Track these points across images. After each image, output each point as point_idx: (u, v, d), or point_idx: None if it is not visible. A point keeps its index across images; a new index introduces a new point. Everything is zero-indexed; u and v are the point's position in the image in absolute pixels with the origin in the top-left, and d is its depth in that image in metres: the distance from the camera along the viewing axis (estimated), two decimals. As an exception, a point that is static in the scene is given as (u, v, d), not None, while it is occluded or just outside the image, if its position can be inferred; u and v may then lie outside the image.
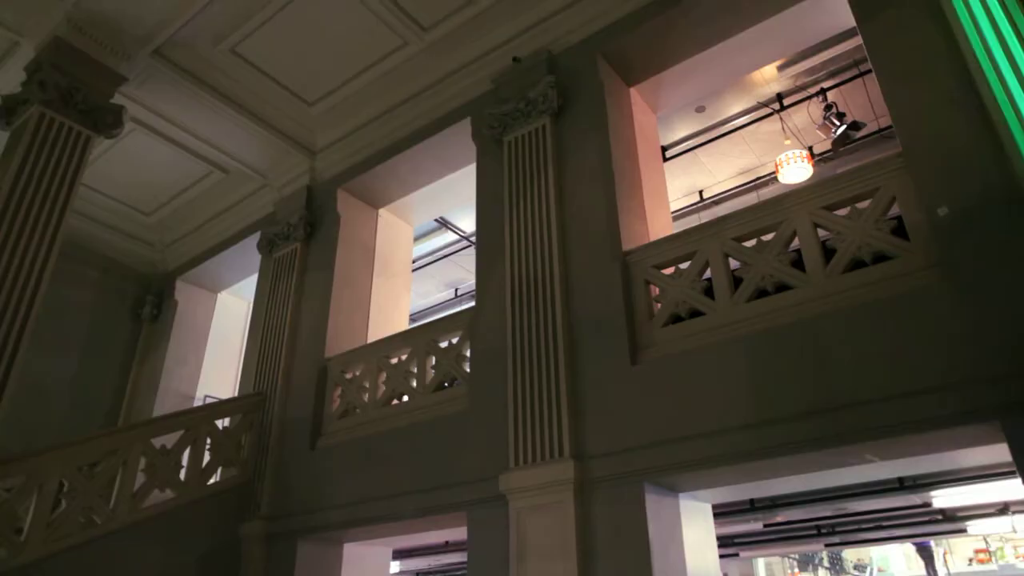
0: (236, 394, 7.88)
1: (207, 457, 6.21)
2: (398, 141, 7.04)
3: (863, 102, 8.21)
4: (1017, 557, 20.47)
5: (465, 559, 4.88)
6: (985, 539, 20.03)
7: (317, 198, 7.61)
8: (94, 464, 5.44)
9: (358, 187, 7.46)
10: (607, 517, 4.21)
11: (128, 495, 5.50)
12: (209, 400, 8.54)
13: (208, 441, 6.24)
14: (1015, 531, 14.47)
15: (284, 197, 7.83)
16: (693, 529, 4.56)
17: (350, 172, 7.42)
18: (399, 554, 12.18)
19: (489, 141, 6.05)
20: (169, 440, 6.00)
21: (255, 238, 7.95)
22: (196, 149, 7.67)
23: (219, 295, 9.46)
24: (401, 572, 14.76)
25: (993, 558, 21.11)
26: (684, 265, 4.71)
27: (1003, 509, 10.86)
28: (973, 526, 12.41)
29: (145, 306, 9.01)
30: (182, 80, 6.61)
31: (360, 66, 6.77)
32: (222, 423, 6.58)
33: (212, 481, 6.22)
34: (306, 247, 7.38)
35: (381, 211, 7.80)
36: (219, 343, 9.21)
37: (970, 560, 21.78)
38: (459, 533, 5.23)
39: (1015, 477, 3.33)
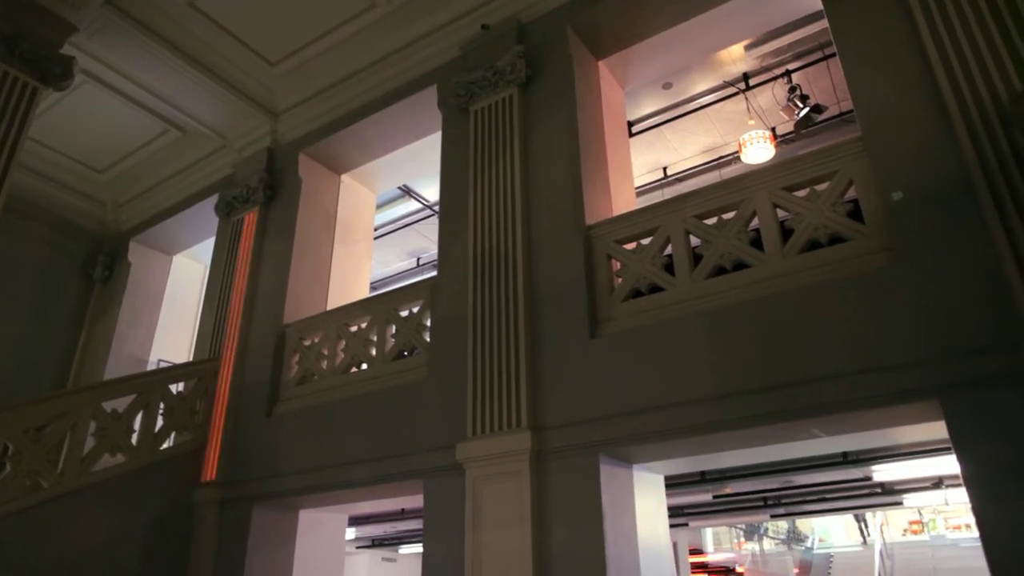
0: (191, 359, 7.76)
1: (160, 422, 6.12)
2: (362, 106, 6.91)
3: (826, 85, 8.34)
4: (947, 528, 21.54)
5: (421, 526, 4.93)
6: (919, 511, 21.02)
7: (278, 161, 7.44)
8: (41, 427, 5.32)
9: (320, 152, 7.32)
10: (562, 487, 4.28)
11: (77, 459, 5.40)
12: (163, 364, 8.38)
13: (161, 406, 6.14)
14: (947, 504, 15.21)
15: (244, 159, 7.64)
16: (645, 499, 4.68)
17: (312, 136, 7.27)
18: (355, 521, 12.24)
19: (455, 110, 5.98)
20: (121, 404, 5.89)
21: (213, 200, 7.76)
22: (151, 106, 7.40)
23: (174, 257, 9.23)
24: (357, 539, 14.85)
25: (925, 529, 22.19)
26: (646, 241, 4.76)
27: (937, 483, 11.39)
28: (909, 499, 13.02)
29: (97, 266, 8.74)
30: (137, 32, 6.35)
31: (325, 27, 6.59)
32: (176, 388, 6.47)
33: (165, 446, 6.14)
34: (265, 211, 7.23)
35: (343, 177, 7.68)
36: (174, 306, 9.01)
37: (904, 531, 22.86)
38: (415, 501, 5.27)
39: (950, 453, 3.48)
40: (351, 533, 13.26)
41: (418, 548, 12.06)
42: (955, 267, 3.48)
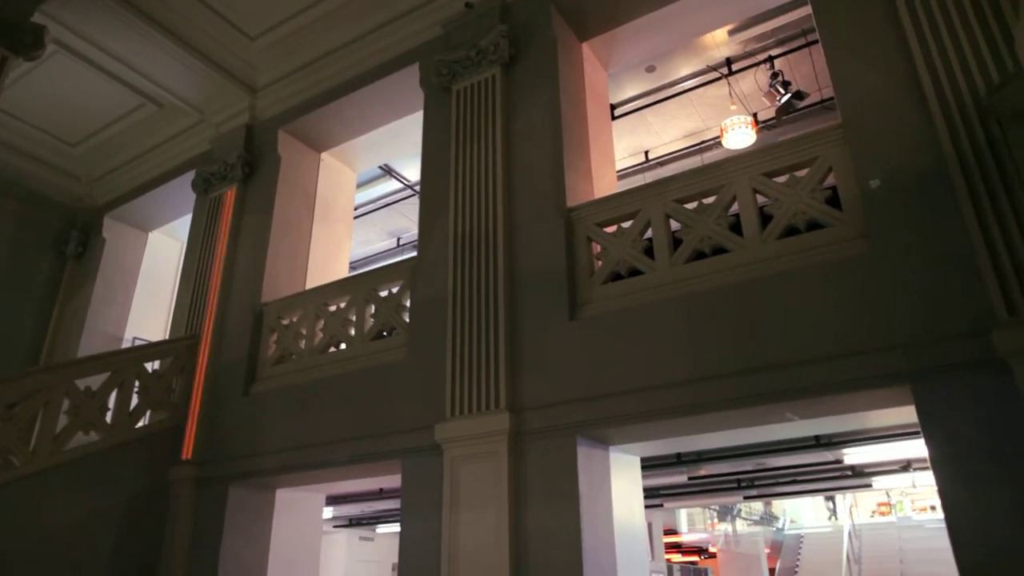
0: (167, 337, 7.67)
1: (135, 400, 6.06)
2: (343, 83, 6.82)
3: (808, 72, 8.37)
4: (914, 510, 22.09)
5: (399, 506, 4.95)
6: (887, 493, 21.53)
7: (257, 138, 7.33)
8: (12, 405, 5.24)
9: (300, 129, 7.22)
10: (539, 468, 4.32)
11: (49, 437, 5.34)
12: (138, 342, 8.29)
13: (136, 384, 6.08)
14: (914, 486, 15.60)
15: (221, 135, 7.52)
16: (621, 481, 4.74)
17: (292, 112, 7.17)
18: (332, 500, 12.26)
19: (437, 89, 5.93)
20: (95, 382, 5.82)
21: (189, 176, 7.63)
22: (126, 78, 7.24)
23: (150, 234, 9.08)
24: (334, 518, 14.88)
25: (893, 511, 22.74)
26: (627, 224, 4.77)
27: (906, 466, 11.67)
28: (878, 481, 13.32)
29: (70, 242, 8.58)
30: (111, 2, 6.18)
31: (306, 1, 6.48)
32: (152, 366, 6.41)
33: (140, 425, 6.09)
34: (244, 188, 7.14)
35: (324, 155, 7.59)
36: (150, 284, 8.88)
37: (872, 513, 23.41)
38: (393, 481, 5.29)
39: (918, 437, 3.57)
40: (328, 512, 13.28)
41: (395, 528, 12.11)
42: (930, 255, 3.54)
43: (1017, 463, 3.04)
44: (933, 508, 20.42)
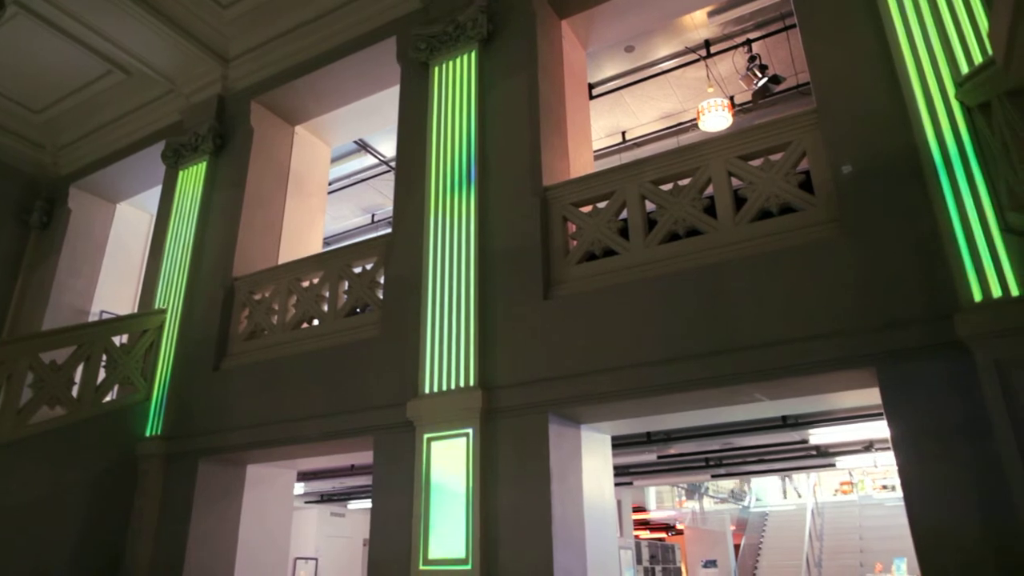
0: (136, 311, 7.55)
1: (102, 374, 5.96)
2: (319, 55, 6.70)
3: (785, 56, 8.41)
4: (875, 489, 22.72)
5: (370, 482, 4.96)
6: (850, 473, 22.10)
7: (229, 109, 7.19)
8: (-25, 377, 5.14)
9: (274, 101, 7.09)
10: (511, 446, 4.35)
11: (13, 411, 5.24)
12: (106, 316, 8.14)
13: (104, 358, 5.98)
14: (876, 466, 16.04)
15: (192, 105, 7.35)
16: (592, 459, 4.80)
17: (265, 84, 7.03)
18: (304, 476, 12.26)
19: (414, 64, 5.85)
20: (60, 355, 5.72)
21: (159, 147, 7.47)
22: (92, 44, 7.01)
23: (118, 205, 8.88)
24: (305, 494, 14.89)
25: (855, 489, 23.37)
26: (602, 204, 4.78)
27: (868, 447, 12.00)
28: (841, 461, 13.67)
29: (34, 212, 8.36)
30: (77, -36, 5.99)
31: (280, -31, 6.34)
32: (120, 340, 6.30)
33: (108, 399, 6.00)
34: (215, 160, 7.00)
35: (297, 128, 7.47)
36: (118, 256, 8.70)
37: (835, 491, 24.04)
38: (365, 457, 5.30)
39: (881, 418, 3.66)
40: (300, 488, 13.29)
41: (367, 504, 12.17)
42: (897, 240, 3.60)
43: (975, 444, 3.13)
44: (893, 488, 21.03)
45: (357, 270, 5.72)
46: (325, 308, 5.74)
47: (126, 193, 8.72)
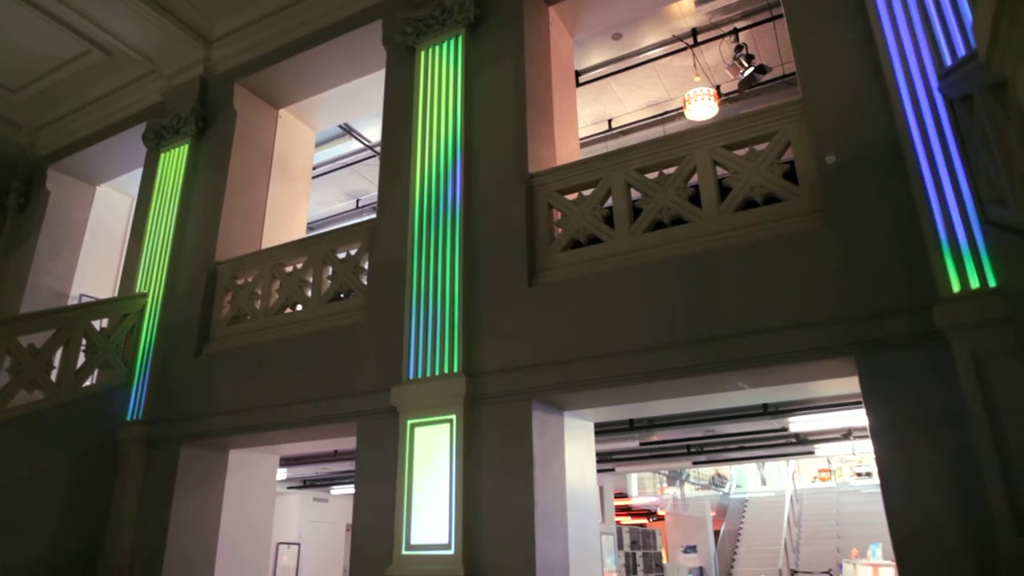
0: (116, 294, 7.46)
1: (82, 359, 5.90)
2: (303, 37, 6.62)
3: (772, 46, 8.42)
4: (852, 476, 23.06)
5: (353, 468, 4.96)
6: (828, 460, 22.42)
7: (212, 91, 7.09)
8: (-49, 360, 5.07)
9: (257, 84, 7.01)
10: (494, 432, 4.37)
11: (-9, 394, 5.18)
12: (86, 299, 8.04)
13: (83, 342, 5.91)
14: (854, 453, 16.29)
15: (174, 87, 7.25)
16: (575, 445, 4.83)
17: (249, 66, 6.94)
18: (287, 461, 12.23)
19: (400, 48, 5.80)
20: (39, 339, 5.64)
21: (140, 129, 7.36)
22: (70, 22, 6.87)
23: (98, 188, 8.75)
24: (288, 479, 14.86)
25: (832, 476, 23.73)
26: (587, 192, 4.78)
27: (847, 434, 12.16)
28: (820, 449, 13.86)
29: (10, 193, 8.22)
30: (55, -60, 5.86)
31: (264, -51, 6.24)
32: (100, 324, 6.23)
33: (88, 384, 5.94)
34: (197, 143, 6.92)
35: (282, 112, 7.38)
36: (98, 239, 8.59)
37: (814, 478, 24.39)
38: (348, 443, 5.30)
39: (860, 407, 3.71)
40: (282, 474, 13.26)
41: (350, 489, 12.17)
42: (879, 232, 3.64)
43: (950, 432, 3.18)
44: (870, 474, 21.36)
45: (341, 255, 5.69)
46: (309, 293, 5.71)
47: (106, 175, 8.59)
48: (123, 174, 8.47)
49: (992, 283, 3.18)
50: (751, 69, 8.14)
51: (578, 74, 8.55)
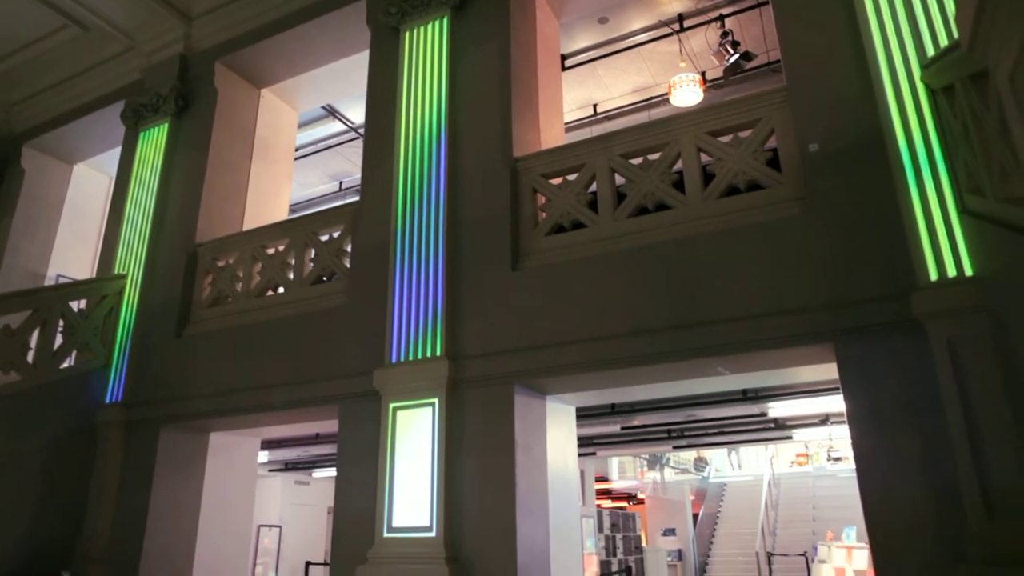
0: (94, 275, 7.36)
1: (60, 340, 5.82)
2: (286, 16, 6.52)
3: (757, 33, 8.43)
4: (829, 460, 23.43)
5: (335, 451, 4.96)
6: (806, 445, 22.75)
7: (192, 70, 6.97)
8: (-76, 341, 4.98)
9: (239, 63, 6.90)
10: (476, 416, 4.38)
11: (-34, 375, 5.10)
12: (63, 280, 7.92)
13: (61, 323, 5.84)
14: (831, 439, 16.54)
15: (154, 65, 7.11)
16: (557, 430, 4.85)
17: (230, 45, 6.82)
18: (268, 444, 12.19)
19: (385, 28, 5.73)
20: (15, 320, 5.56)
21: (118, 107, 7.23)
22: (47, -4, 6.72)
23: (75, 167, 8.59)
24: (269, 462, 14.83)
25: (810, 461, 24.10)
26: (572, 177, 4.78)
27: (824, 420, 12.33)
28: (798, 434, 14.05)
29: (-16, 171, 8.06)
30: (29, -89, 5.70)
31: (245, -76, 6.11)
32: (78, 305, 6.15)
33: (65, 365, 5.87)
34: (177, 122, 6.81)
35: (264, 92, 7.28)
36: (75, 219, 8.44)
37: (791, 463, 24.75)
38: (330, 426, 5.29)
39: (837, 393, 3.76)
40: (264, 456, 13.21)
41: (332, 472, 12.16)
42: (860, 220, 3.67)
43: (926, 419, 3.24)
44: (846, 459, 21.72)
45: (324, 238, 5.65)
46: (291, 276, 5.67)
47: (83, 154, 8.44)
48: (101, 153, 8.32)
49: (969, 272, 3.23)
50: (736, 56, 8.15)
51: (564, 58, 8.51)
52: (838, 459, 21.96)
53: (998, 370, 3.01)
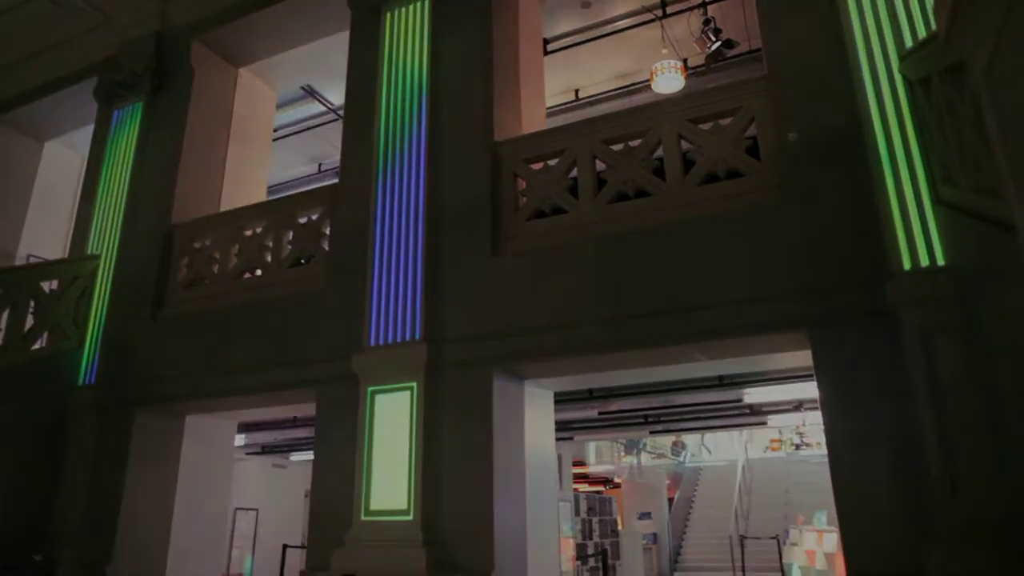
0: (66, 255, 7.23)
1: (31, 321, 5.72)
2: (264, -7, 6.40)
3: (739, 21, 8.43)
4: (802, 445, 23.83)
5: (313, 434, 4.94)
6: (780, 431, 23.11)
7: (168, 47, 6.83)
8: None
9: (216, 40, 6.77)
10: (455, 400, 4.39)
11: (-66, 356, 5.00)
12: (33, 260, 7.77)
13: (32, 304, 5.73)
14: (804, 424, 16.80)
15: (128, 41, 6.96)
16: (535, 414, 4.88)
17: (207, 22, 6.69)
18: (245, 427, 12.10)
19: (366, 8, 5.65)
20: (-16, 300, 5.46)
21: (91, 84, 7.07)
22: (16, -33, 6.53)
23: (46, 144, 8.40)
24: (246, 445, 14.75)
25: (783, 447, 24.51)
26: (553, 162, 4.77)
27: (798, 406, 12.52)
28: (773, 419, 14.26)
29: (-50, 148, 7.85)
30: None
31: (223, -102, 5.98)
32: (49, 286, 6.04)
33: (36, 347, 5.77)
34: (153, 101, 6.68)
35: (241, 71, 7.16)
36: (46, 198, 8.26)
37: (766, 448, 25.15)
38: (308, 409, 5.27)
39: (811, 380, 3.82)
40: (240, 440, 13.13)
41: (309, 456, 12.14)
42: (836, 209, 3.71)
43: (897, 407, 3.30)
44: (819, 444, 22.11)
45: (302, 220, 5.59)
46: (269, 258, 5.61)
47: (55, 131, 8.25)
48: (72, 131, 8.13)
49: (941, 261, 3.28)
50: (718, 43, 8.15)
51: (546, 42, 8.46)
52: (807, 445, 22.33)
53: (968, 358, 3.07)
